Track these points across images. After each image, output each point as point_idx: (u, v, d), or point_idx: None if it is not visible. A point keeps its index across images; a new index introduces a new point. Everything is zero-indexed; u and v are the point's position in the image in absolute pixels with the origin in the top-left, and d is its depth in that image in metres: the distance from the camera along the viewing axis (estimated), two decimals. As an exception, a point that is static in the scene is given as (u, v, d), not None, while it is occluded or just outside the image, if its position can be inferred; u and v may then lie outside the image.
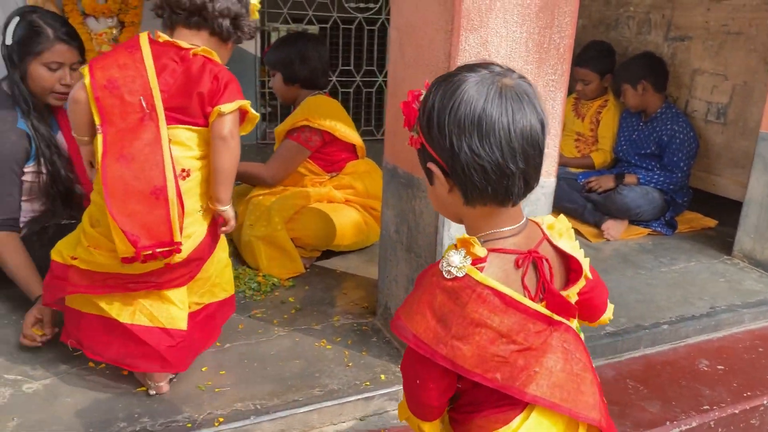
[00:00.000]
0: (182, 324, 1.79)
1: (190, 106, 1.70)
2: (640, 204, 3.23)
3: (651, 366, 2.23)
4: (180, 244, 1.66)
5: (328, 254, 2.79)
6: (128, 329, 1.72)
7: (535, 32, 1.75)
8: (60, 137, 2.33)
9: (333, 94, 5.09)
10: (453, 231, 1.81)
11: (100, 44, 3.68)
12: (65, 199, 2.28)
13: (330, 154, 2.82)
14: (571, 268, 1.17)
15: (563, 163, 3.69)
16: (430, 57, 1.77)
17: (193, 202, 1.76)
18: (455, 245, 1.06)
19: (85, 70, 1.69)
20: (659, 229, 3.33)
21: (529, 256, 1.07)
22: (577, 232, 3.28)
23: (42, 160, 2.20)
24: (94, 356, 1.79)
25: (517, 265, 1.06)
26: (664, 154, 3.39)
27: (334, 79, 5.05)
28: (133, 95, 1.66)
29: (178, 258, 1.70)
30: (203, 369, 1.92)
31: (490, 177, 1.01)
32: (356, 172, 2.86)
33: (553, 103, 1.84)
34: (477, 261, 1.03)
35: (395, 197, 2.03)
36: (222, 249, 1.98)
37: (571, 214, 3.44)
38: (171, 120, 1.69)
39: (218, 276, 1.97)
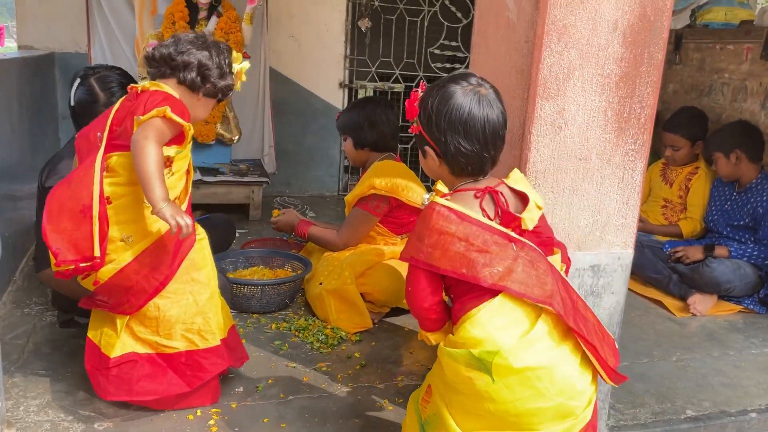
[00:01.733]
0: (111, 351, 1.87)
1: (125, 130, 1.81)
2: (731, 279, 3.04)
3: (737, 458, 2.06)
4: (98, 258, 1.74)
5: (397, 311, 2.78)
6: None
7: (615, 102, 1.72)
8: None
9: (414, 149, 5.17)
10: (521, 299, 1.77)
11: (198, 97, 3.92)
12: None
13: (398, 218, 2.86)
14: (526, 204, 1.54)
15: (649, 230, 3.55)
16: (505, 123, 1.77)
17: (114, 230, 1.83)
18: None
19: None
20: (752, 306, 3.11)
21: (486, 190, 1.53)
22: (661, 305, 3.12)
23: None
24: None
25: (475, 197, 1.51)
26: (759, 227, 3.19)
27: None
28: (95, 133, 1.85)
29: (102, 276, 1.81)
30: (264, 420, 1.94)
31: (471, 161, 1.52)
32: None
33: (633, 173, 1.79)
34: (442, 195, 1.51)
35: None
36: (198, 294, 1.93)
37: (655, 285, 3.28)
38: (110, 148, 1.82)
39: (190, 321, 1.91)
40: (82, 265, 1.74)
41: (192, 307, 1.91)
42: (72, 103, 2.26)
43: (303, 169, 4.90)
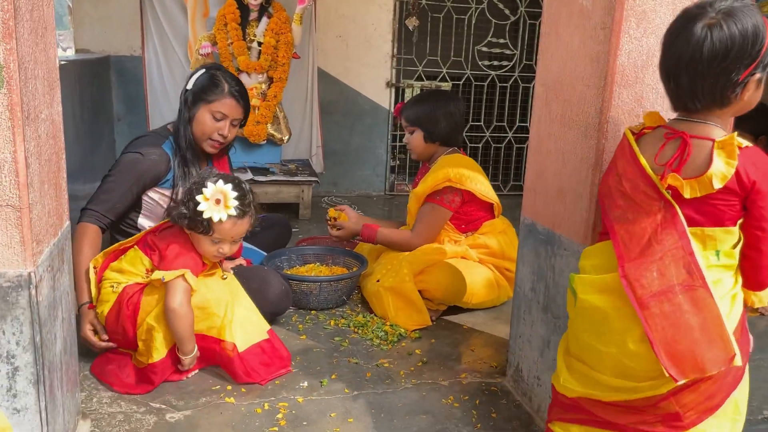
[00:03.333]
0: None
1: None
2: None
3: (820, 461, 1.97)
4: None
5: (455, 309, 2.75)
6: None
7: (695, 89, 1.66)
8: None
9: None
10: (596, 293, 1.72)
11: (250, 98, 3.95)
12: None
13: (468, 214, 2.80)
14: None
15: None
16: (579, 113, 1.73)
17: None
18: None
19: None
20: (824, 306, 2.97)
21: (679, 134, 1.38)
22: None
23: (179, 190, 2.36)
24: None
25: (664, 136, 1.40)
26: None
27: (463, 134, 5.09)
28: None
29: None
30: (332, 415, 1.93)
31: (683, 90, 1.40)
32: (493, 231, 2.81)
33: (712, 163, 1.73)
34: (645, 128, 1.48)
35: (532, 254, 1.97)
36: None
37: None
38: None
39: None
40: None
41: None
42: (189, 87, 2.39)
43: (350, 169, 4.92)
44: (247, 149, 4.06)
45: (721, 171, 1.32)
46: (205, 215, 1.97)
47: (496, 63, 5.03)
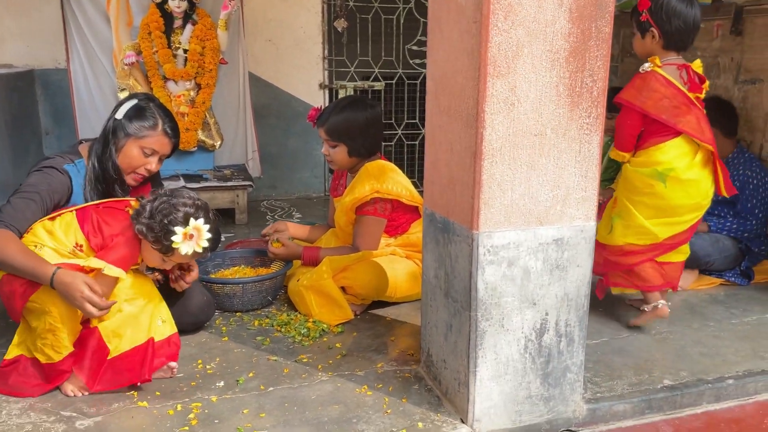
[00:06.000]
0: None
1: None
2: (710, 252, 3.06)
3: (714, 424, 2.08)
4: None
5: (381, 302, 2.80)
6: None
7: (566, 77, 1.75)
8: None
9: (399, 146, 5.20)
10: (487, 276, 1.80)
11: (178, 105, 3.95)
12: None
13: (395, 219, 2.84)
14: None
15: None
16: (461, 104, 1.80)
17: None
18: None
19: None
20: (733, 279, 3.13)
21: (683, 66, 2.42)
22: (643, 282, 3.15)
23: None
24: None
25: (678, 69, 2.41)
26: (737, 200, 3.21)
27: (400, 132, 5.17)
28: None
29: None
30: (244, 411, 1.96)
31: (683, 37, 2.43)
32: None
33: (589, 146, 1.82)
34: (658, 66, 2.39)
35: (433, 242, 2.04)
36: None
37: (637, 264, 3.32)
38: None
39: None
40: None
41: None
42: (119, 117, 2.32)
43: (288, 172, 4.94)
44: (178, 157, 4.04)
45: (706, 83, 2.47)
46: (177, 247, 2.01)
47: (426, 61, 5.10)
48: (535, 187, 1.80)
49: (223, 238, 3.60)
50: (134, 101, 2.36)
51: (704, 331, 2.59)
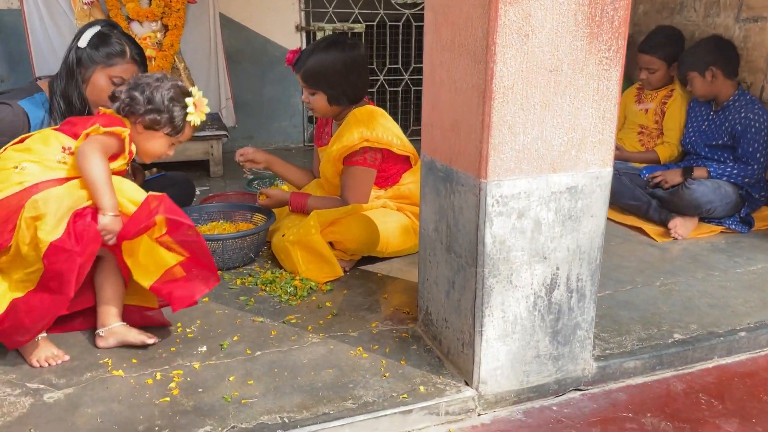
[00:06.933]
0: None
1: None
2: (711, 199, 2.95)
3: (727, 378, 1.98)
4: None
5: (371, 258, 2.64)
6: None
7: (585, 3, 1.56)
8: None
9: (381, 93, 4.97)
10: (495, 229, 1.64)
11: (144, 48, 3.65)
12: None
13: (385, 170, 2.65)
14: None
15: (625, 158, 3.43)
16: (466, 36, 1.60)
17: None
18: None
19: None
20: (733, 226, 3.03)
21: None
22: (642, 231, 3.03)
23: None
24: None
25: None
26: (738, 144, 3.09)
27: (381, 78, 4.92)
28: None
29: None
30: (230, 378, 1.81)
31: None
32: (415, 180, 2.66)
33: (608, 83, 1.64)
34: None
35: (433, 193, 1.87)
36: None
37: (634, 212, 3.19)
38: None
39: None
40: None
41: None
42: (82, 45, 2.20)
43: (265, 121, 4.69)
44: (147, 105, 3.78)
45: None
46: (191, 119, 2.01)
47: (410, 1, 4.84)
48: (549, 129, 1.63)
49: (198, 192, 3.41)
50: (96, 28, 2.22)
51: (709, 281, 2.49)
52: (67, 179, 1.82)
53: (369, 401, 1.72)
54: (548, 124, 1.62)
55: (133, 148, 1.98)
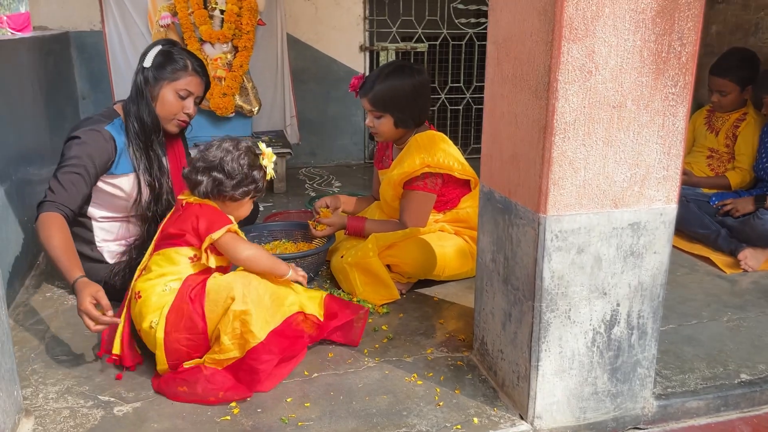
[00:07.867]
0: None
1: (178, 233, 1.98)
2: (785, 230, 2.82)
3: (798, 425, 1.89)
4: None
5: (428, 281, 2.66)
6: None
7: (652, 40, 1.54)
8: (165, 162, 2.42)
9: (442, 111, 4.99)
10: (554, 263, 1.63)
11: (215, 69, 3.81)
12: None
13: (445, 194, 2.67)
14: None
15: (694, 183, 3.33)
16: (529, 71, 1.61)
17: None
18: None
19: None
20: (809, 259, 2.89)
21: None
22: (709, 261, 2.93)
23: (146, 177, 2.32)
24: None
25: None
26: (814, 173, 2.95)
27: (443, 96, 4.94)
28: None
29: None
30: (288, 400, 1.85)
31: None
32: (473, 204, 2.66)
33: (674, 119, 1.61)
34: None
35: (491, 223, 1.87)
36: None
37: (702, 241, 3.09)
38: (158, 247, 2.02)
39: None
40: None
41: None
42: (147, 65, 2.30)
43: (327, 139, 4.79)
44: (215, 123, 3.93)
45: None
46: (269, 176, 2.07)
47: (473, 20, 4.85)
48: (611, 165, 1.61)
49: (261, 208, 3.50)
50: (158, 47, 2.34)
51: (781, 318, 2.39)
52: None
53: (422, 430, 1.73)
54: (611, 160, 1.61)
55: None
